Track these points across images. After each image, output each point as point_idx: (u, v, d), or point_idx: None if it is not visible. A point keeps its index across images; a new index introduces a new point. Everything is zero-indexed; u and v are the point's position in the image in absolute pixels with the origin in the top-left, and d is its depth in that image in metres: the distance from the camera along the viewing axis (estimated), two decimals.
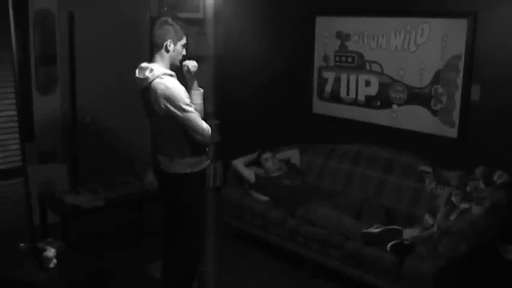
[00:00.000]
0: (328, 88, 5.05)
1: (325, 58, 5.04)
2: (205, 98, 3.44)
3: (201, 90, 3.40)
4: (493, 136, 4.03)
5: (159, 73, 3.20)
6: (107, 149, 5.33)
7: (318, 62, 5.11)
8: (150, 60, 3.32)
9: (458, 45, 4.10)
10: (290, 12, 5.31)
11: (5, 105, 4.00)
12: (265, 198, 4.56)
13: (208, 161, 3.50)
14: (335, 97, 5.01)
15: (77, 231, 4.26)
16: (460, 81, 4.13)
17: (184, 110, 3.19)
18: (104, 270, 3.45)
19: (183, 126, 3.24)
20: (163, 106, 3.18)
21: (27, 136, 4.63)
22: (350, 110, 4.90)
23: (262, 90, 5.59)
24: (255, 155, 4.85)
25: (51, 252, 3.29)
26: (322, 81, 5.10)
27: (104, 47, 5.21)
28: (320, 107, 5.16)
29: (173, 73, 3.28)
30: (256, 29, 5.57)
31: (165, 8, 5.42)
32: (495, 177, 3.78)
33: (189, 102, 3.22)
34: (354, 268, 3.81)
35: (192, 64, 3.34)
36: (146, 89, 3.23)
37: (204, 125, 3.27)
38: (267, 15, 5.50)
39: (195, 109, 3.30)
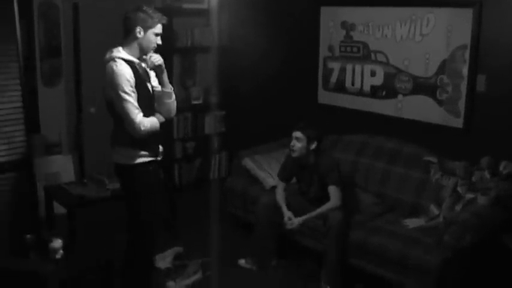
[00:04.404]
0: (334, 78, 5.04)
1: (330, 48, 5.02)
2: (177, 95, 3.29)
3: (171, 89, 3.26)
4: (499, 126, 4.01)
5: (115, 56, 3.07)
6: None
7: (323, 52, 5.09)
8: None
9: (463, 35, 4.07)
10: (295, 2, 5.29)
11: (10, 97, 4.01)
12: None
13: (154, 158, 3.25)
14: (340, 87, 5.00)
15: (83, 222, 4.28)
16: (465, 71, 4.11)
17: (119, 97, 3.01)
18: (110, 261, 3.47)
19: (119, 114, 3.07)
20: (106, 89, 3.08)
21: (32, 128, 4.64)
22: (355, 100, 4.89)
23: (267, 80, 5.57)
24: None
25: (57, 243, 3.31)
26: (328, 72, 5.08)
27: (108, 38, 5.18)
28: (325, 97, 5.15)
29: (134, 60, 3.12)
30: (261, 20, 5.53)
31: None
32: (501, 168, 3.76)
33: (129, 90, 3.01)
34: (357, 258, 3.82)
35: (155, 59, 3.15)
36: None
37: (137, 119, 3.03)
38: (271, 5, 5.47)
39: (163, 109, 3.22)
